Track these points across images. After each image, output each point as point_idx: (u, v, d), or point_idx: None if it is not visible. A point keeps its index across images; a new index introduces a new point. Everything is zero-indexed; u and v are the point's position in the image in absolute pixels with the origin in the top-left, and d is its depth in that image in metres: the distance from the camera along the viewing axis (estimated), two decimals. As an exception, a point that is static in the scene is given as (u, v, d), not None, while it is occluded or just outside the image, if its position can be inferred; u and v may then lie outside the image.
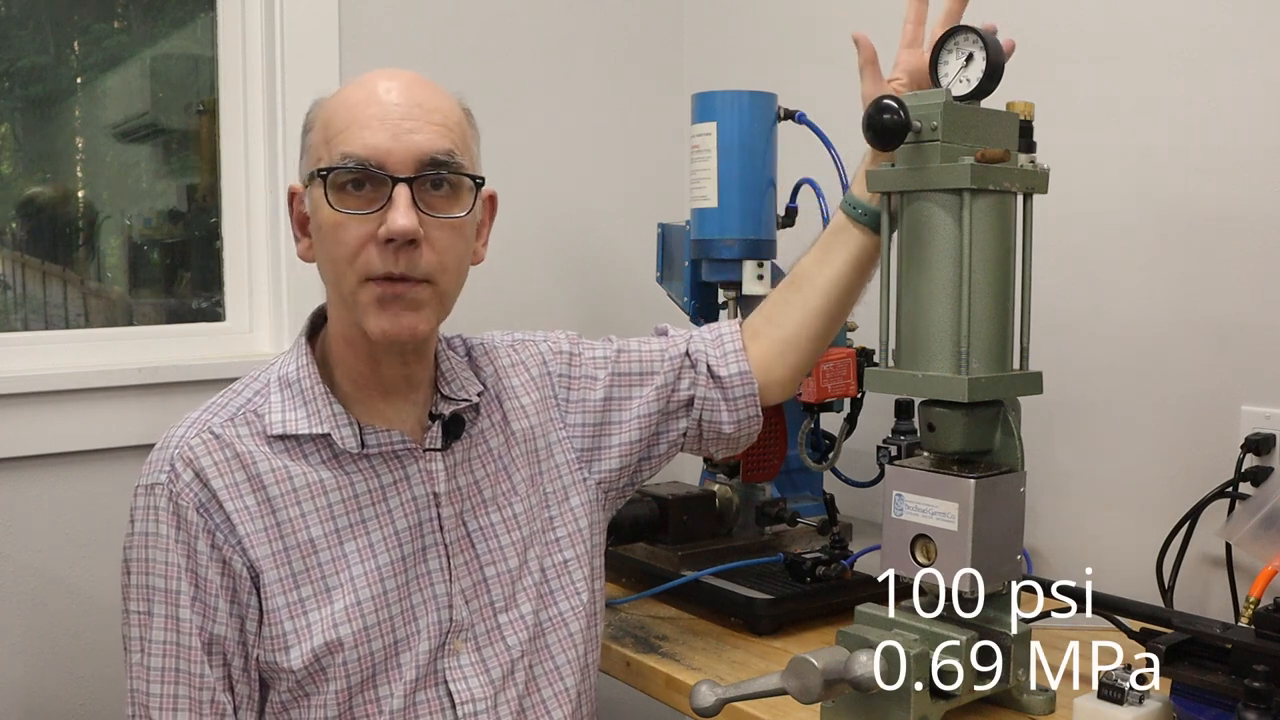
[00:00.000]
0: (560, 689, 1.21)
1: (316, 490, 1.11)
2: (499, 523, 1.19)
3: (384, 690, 1.10)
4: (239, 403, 1.14)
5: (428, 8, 2.00)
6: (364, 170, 1.06)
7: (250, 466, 1.09)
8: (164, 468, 1.08)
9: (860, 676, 1.05)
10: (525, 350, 1.30)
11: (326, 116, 1.10)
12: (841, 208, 1.28)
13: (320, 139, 1.10)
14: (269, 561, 1.08)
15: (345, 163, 1.06)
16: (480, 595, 1.17)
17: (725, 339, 1.32)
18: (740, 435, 1.33)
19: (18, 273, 1.81)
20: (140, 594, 1.07)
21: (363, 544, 1.11)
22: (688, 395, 1.30)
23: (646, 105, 2.27)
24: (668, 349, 1.32)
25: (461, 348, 1.27)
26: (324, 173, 1.07)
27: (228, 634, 1.07)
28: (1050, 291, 1.57)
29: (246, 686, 1.09)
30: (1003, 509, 1.16)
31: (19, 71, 1.77)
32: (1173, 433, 1.56)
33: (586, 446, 1.28)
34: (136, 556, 1.08)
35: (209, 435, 1.10)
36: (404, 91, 1.09)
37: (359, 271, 1.07)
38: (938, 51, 1.21)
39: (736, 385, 1.30)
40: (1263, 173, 1.46)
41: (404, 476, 1.14)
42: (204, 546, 1.07)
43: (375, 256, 1.06)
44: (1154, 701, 1.10)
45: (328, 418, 1.12)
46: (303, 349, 1.16)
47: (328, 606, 1.09)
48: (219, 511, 1.07)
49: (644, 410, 1.29)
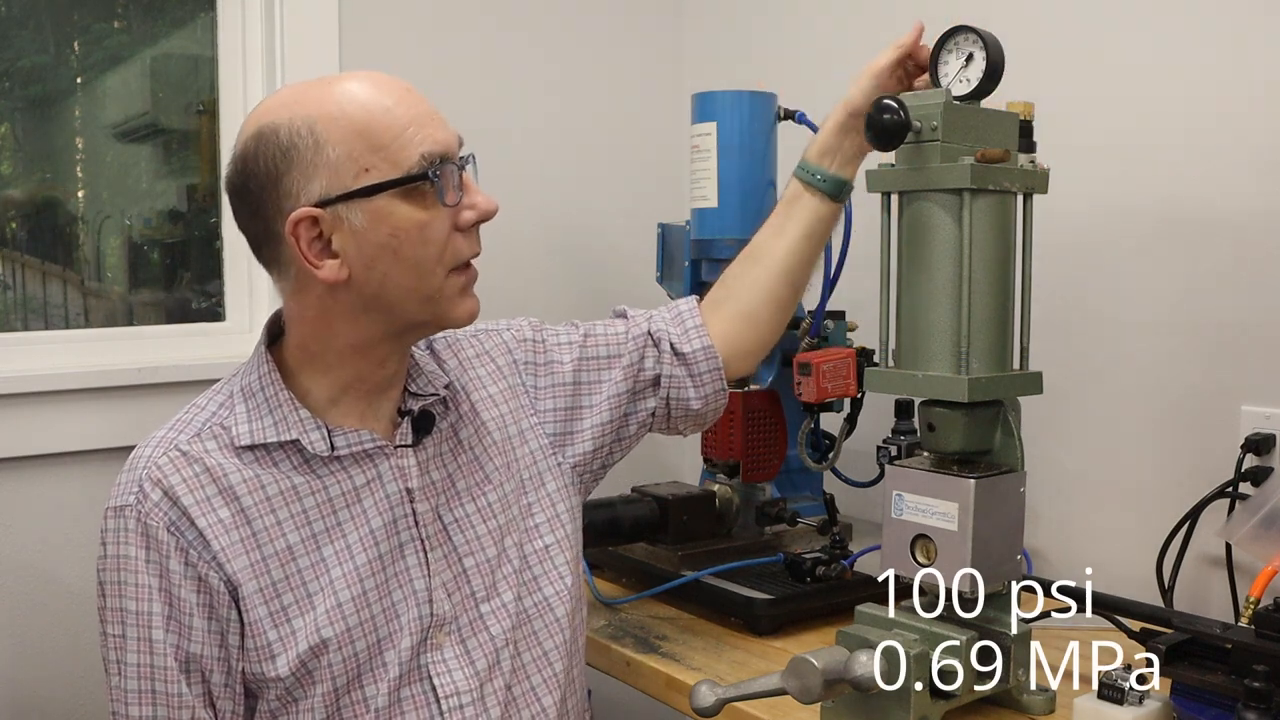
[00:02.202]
0: (549, 674, 1.21)
1: (290, 497, 1.10)
2: (474, 513, 1.19)
3: (370, 689, 1.10)
4: (204, 418, 1.12)
5: (427, 8, 2.00)
6: (449, 164, 1.07)
7: (221, 479, 1.08)
8: (132, 489, 1.07)
9: (860, 676, 1.05)
10: (489, 340, 1.30)
11: (350, 129, 1.04)
12: (796, 174, 1.30)
13: (360, 149, 1.04)
14: (248, 573, 1.07)
15: (431, 162, 1.06)
16: (461, 587, 1.16)
17: (685, 316, 1.33)
18: (708, 410, 1.34)
19: (18, 273, 1.81)
20: (115, 617, 1.07)
21: (340, 546, 1.11)
22: (653, 374, 1.31)
23: (646, 105, 2.27)
24: (630, 329, 1.32)
25: (424, 342, 1.26)
26: (408, 179, 1.05)
27: (205, 651, 1.06)
28: (1050, 291, 1.57)
29: (230, 701, 1.08)
30: (1003, 509, 1.16)
31: (19, 71, 1.77)
32: (1173, 432, 1.56)
33: (559, 431, 1.28)
34: (109, 579, 1.08)
35: (176, 453, 1.09)
36: (408, 88, 1.10)
37: (447, 264, 1.09)
38: (938, 51, 1.21)
39: (700, 361, 1.31)
40: (1263, 173, 1.45)
41: (376, 475, 1.14)
42: (177, 565, 1.06)
43: (463, 243, 1.10)
44: (1154, 701, 1.10)
45: (295, 423, 1.11)
46: (263, 358, 1.14)
47: (310, 612, 1.08)
48: (191, 529, 1.06)
49: (613, 391, 1.29)
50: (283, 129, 1.05)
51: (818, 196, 1.29)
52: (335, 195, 1.04)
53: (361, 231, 1.05)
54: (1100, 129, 1.62)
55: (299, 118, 1.05)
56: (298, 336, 1.14)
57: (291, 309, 1.13)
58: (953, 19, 1.22)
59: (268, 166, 1.05)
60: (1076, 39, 1.65)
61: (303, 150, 1.04)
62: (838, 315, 1.65)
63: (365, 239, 1.06)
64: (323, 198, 1.04)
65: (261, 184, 1.06)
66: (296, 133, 1.04)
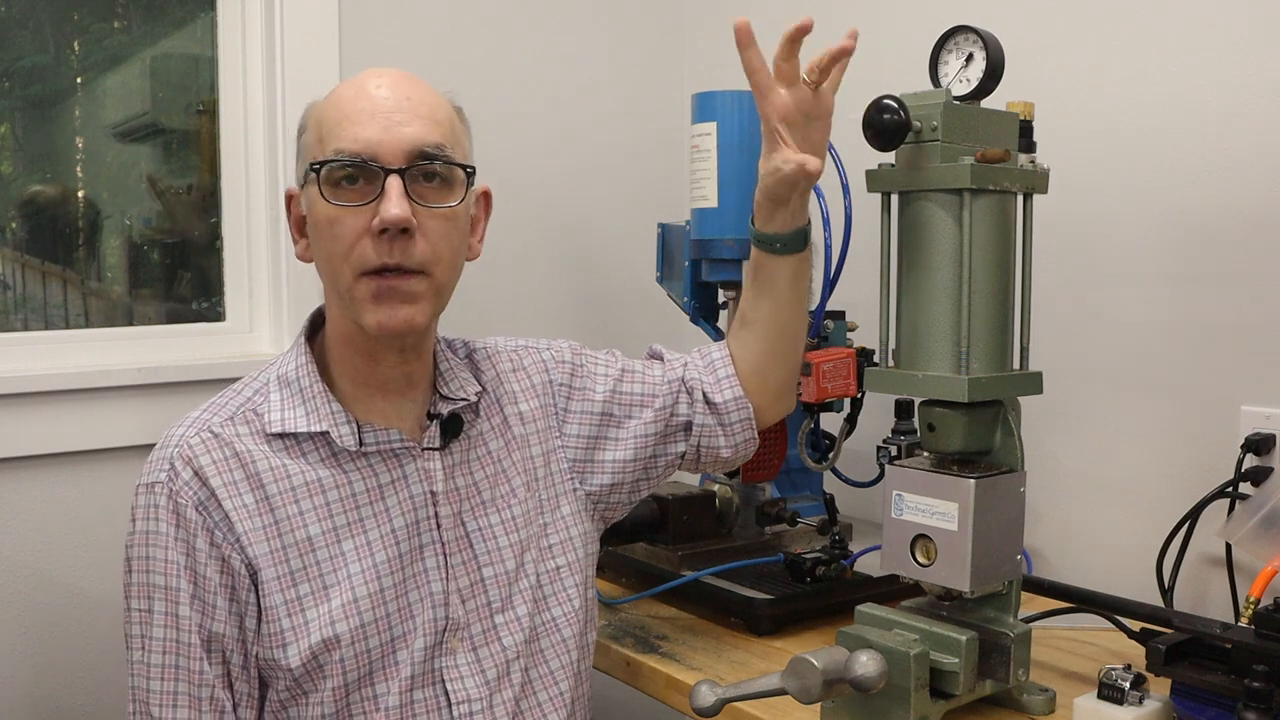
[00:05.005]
0: (555, 693, 1.21)
1: (314, 488, 1.11)
2: (498, 524, 1.20)
3: (381, 688, 1.11)
4: (239, 402, 1.15)
5: (428, 8, 2.00)
6: (357, 164, 1.07)
7: (249, 465, 1.10)
8: (163, 466, 1.09)
9: (860, 676, 1.05)
10: (528, 356, 1.31)
11: (319, 116, 1.12)
12: (756, 245, 1.27)
13: (314, 138, 1.12)
14: (267, 559, 1.08)
15: (338, 157, 1.07)
16: (477, 595, 1.17)
17: (717, 365, 1.33)
18: (738, 457, 1.35)
19: (18, 273, 1.80)
20: (141, 591, 1.08)
21: (360, 542, 1.12)
22: (685, 420, 1.31)
23: (646, 105, 2.27)
24: (666, 373, 1.33)
25: (462, 349, 1.28)
26: (317, 168, 1.08)
27: (226, 631, 1.08)
28: (1050, 291, 1.57)
29: (246, 684, 1.09)
30: (1003, 509, 1.16)
31: (19, 71, 1.77)
32: (1173, 432, 1.56)
33: (580, 458, 1.28)
34: (137, 554, 1.09)
35: (208, 434, 1.11)
36: (393, 87, 1.10)
37: (354, 266, 1.08)
38: (938, 51, 1.21)
39: (732, 410, 1.31)
40: (1263, 173, 1.45)
41: (401, 475, 1.15)
42: (203, 544, 1.07)
43: (370, 249, 1.07)
44: (1154, 701, 1.10)
45: (326, 416, 1.12)
46: (302, 348, 1.17)
47: (325, 604, 1.09)
48: (217, 509, 1.08)
49: (642, 431, 1.29)
50: (302, 114, 1.16)
51: (783, 258, 1.26)
52: (299, 178, 1.14)
53: (307, 216, 1.13)
54: (1100, 129, 1.62)
55: (311, 105, 1.15)
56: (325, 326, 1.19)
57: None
58: (953, 19, 1.22)
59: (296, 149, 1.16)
60: (1076, 39, 1.65)
61: (300, 133, 1.15)
62: (838, 315, 1.65)
63: (309, 224, 1.13)
64: (298, 179, 1.15)
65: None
66: (303, 117, 1.15)
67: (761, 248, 1.26)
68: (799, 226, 1.25)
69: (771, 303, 1.29)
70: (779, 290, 1.28)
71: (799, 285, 1.29)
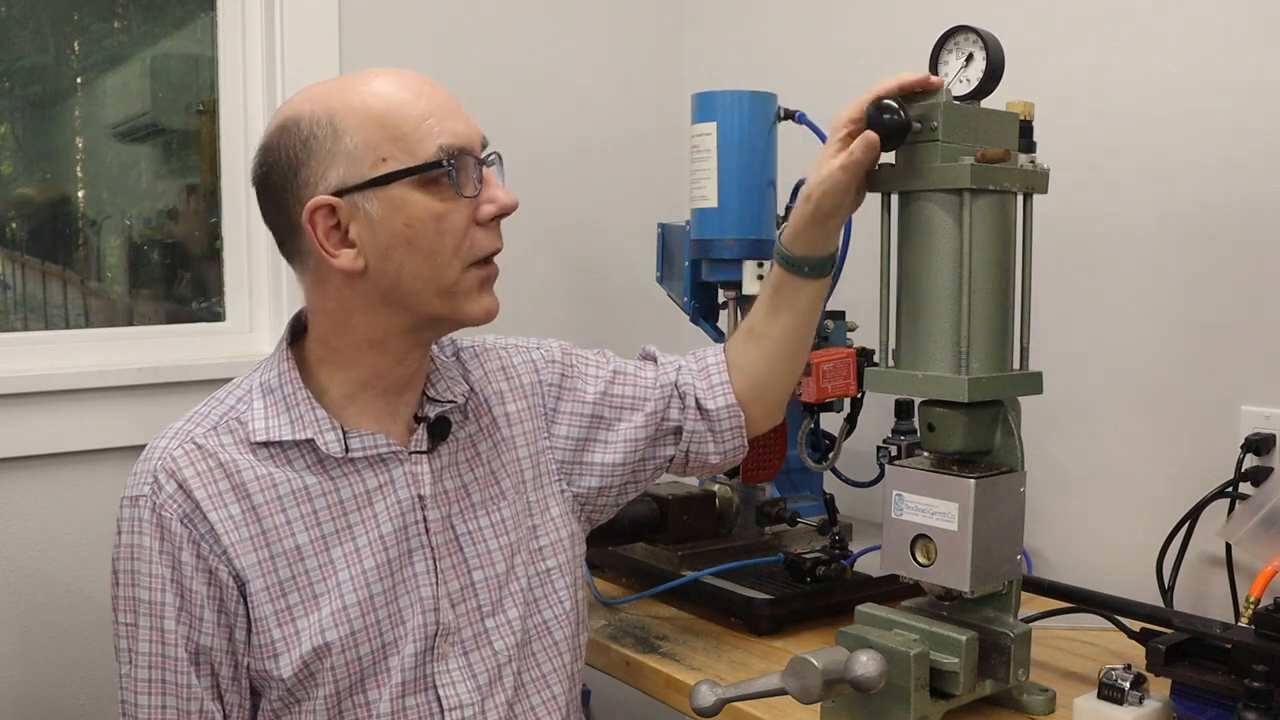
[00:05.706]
0: (548, 696, 1.20)
1: (301, 496, 1.10)
2: (487, 527, 1.19)
3: (373, 694, 1.10)
4: (221, 411, 1.13)
5: (428, 8, 2.00)
6: (468, 157, 1.07)
7: (234, 475, 1.09)
8: (147, 479, 1.08)
9: (860, 676, 1.05)
10: (517, 355, 1.30)
11: (368, 119, 1.06)
12: (781, 265, 1.26)
13: (379, 139, 1.05)
14: (255, 570, 1.07)
15: (448, 154, 1.06)
16: (467, 599, 1.16)
17: (711, 371, 1.33)
18: (726, 463, 1.34)
19: (18, 273, 1.81)
20: (127, 605, 1.08)
21: (349, 549, 1.11)
22: (675, 424, 1.31)
23: (646, 105, 2.27)
24: (659, 377, 1.32)
25: (450, 348, 1.27)
26: (423, 168, 1.06)
27: (214, 644, 1.07)
28: (1050, 292, 1.57)
29: (237, 695, 1.09)
30: (1003, 509, 1.16)
31: (19, 71, 1.77)
32: (1173, 432, 1.56)
33: (568, 460, 1.28)
34: (123, 568, 1.08)
35: (191, 446, 1.09)
36: (430, 83, 1.11)
37: (465, 258, 1.09)
38: (938, 52, 1.21)
39: (724, 418, 1.31)
40: (1263, 173, 1.45)
41: (389, 480, 1.14)
42: (188, 557, 1.06)
43: (482, 238, 1.10)
44: (1154, 701, 1.10)
45: (311, 423, 1.11)
46: (284, 355, 1.15)
47: (315, 613, 1.08)
48: (203, 522, 1.07)
49: (632, 435, 1.29)
50: (304, 120, 1.07)
51: (806, 280, 1.26)
52: (352, 184, 1.06)
53: (378, 221, 1.06)
54: (1100, 129, 1.62)
55: (320, 109, 1.07)
56: (318, 330, 1.15)
57: (313, 302, 1.15)
58: (953, 19, 1.22)
59: (288, 157, 1.07)
60: (1076, 39, 1.65)
61: (321, 140, 1.06)
62: (838, 315, 1.65)
63: (381, 228, 1.07)
64: (340, 187, 1.06)
65: (283, 174, 1.08)
66: (316, 123, 1.06)
67: (789, 269, 1.26)
68: (830, 252, 1.26)
69: (785, 324, 1.29)
70: (797, 313, 1.28)
71: (816, 310, 1.30)
